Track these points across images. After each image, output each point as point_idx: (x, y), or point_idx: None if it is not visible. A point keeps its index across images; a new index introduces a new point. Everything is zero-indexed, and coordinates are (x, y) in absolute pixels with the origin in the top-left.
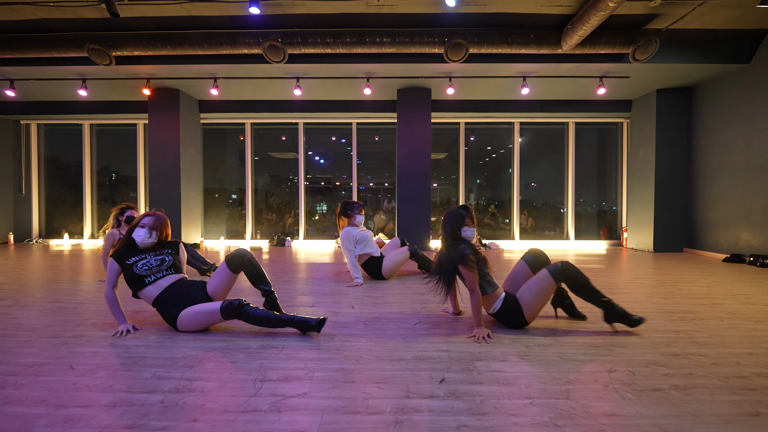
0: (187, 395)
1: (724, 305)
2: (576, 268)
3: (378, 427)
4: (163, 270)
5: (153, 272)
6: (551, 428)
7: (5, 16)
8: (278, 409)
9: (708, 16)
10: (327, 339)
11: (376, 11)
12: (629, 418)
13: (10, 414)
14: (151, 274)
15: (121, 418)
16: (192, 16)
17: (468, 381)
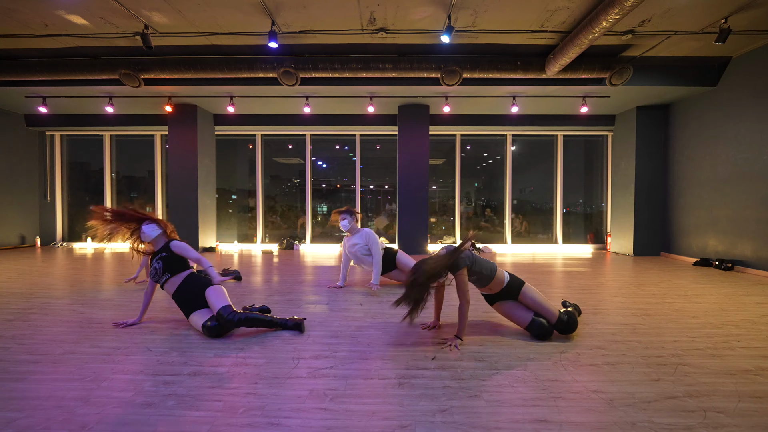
0: (245, 368)
1: (673, 303)
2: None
3: (387, 386)
4: (160, 276)
5: (158, 277)
6: (509, 388)
7: (47, 45)
8: (314, 376)
9: (676, 46)
10: (344, 329)
11: (380, 42)
12: (567, 382)
13: (122, 380)
14: (158, 278)
15: (203, 382)
16: (214, 45)
17: (453, 358)
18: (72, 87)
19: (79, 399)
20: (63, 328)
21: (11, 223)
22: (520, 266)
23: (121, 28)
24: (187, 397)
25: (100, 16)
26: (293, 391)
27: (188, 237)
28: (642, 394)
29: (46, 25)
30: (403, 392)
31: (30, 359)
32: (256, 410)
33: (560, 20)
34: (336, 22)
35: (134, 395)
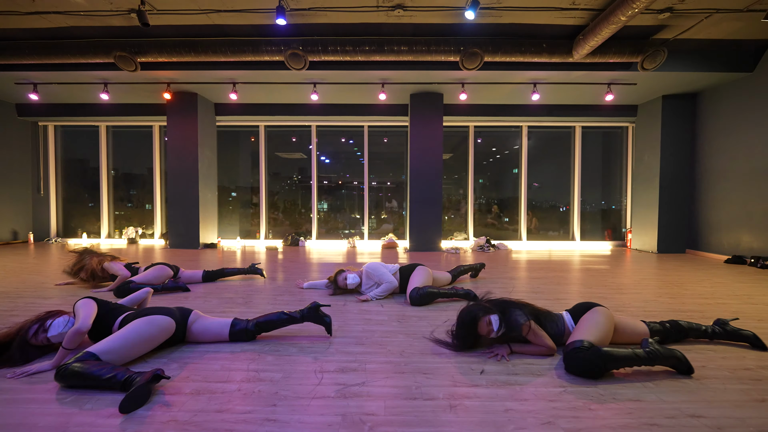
0: (259, 384)
1: (728, 305)
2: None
3: (436, 410)
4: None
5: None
6: (587, 411)
7: (36, 24)
8: (344, 396)
9: (713, 28)
10: (368, 335)
11: (395, 21)
12: (653, 403)
13: (110, 401)
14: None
15: (208, 404)
16: (216, 25)
17: (506, 372)
18: (64, 72)
19: (55, 427)
20: None
21: (3, 218)
22: (539, 264)
23: (116, 4)
24: (190, 424)
25: None
26: (322, 416)
27: (188, 233)
28: (754, 420)
29: (33, 0)
30: (459, 418)
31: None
32: None
33: None
34: None
35: (124, 422)
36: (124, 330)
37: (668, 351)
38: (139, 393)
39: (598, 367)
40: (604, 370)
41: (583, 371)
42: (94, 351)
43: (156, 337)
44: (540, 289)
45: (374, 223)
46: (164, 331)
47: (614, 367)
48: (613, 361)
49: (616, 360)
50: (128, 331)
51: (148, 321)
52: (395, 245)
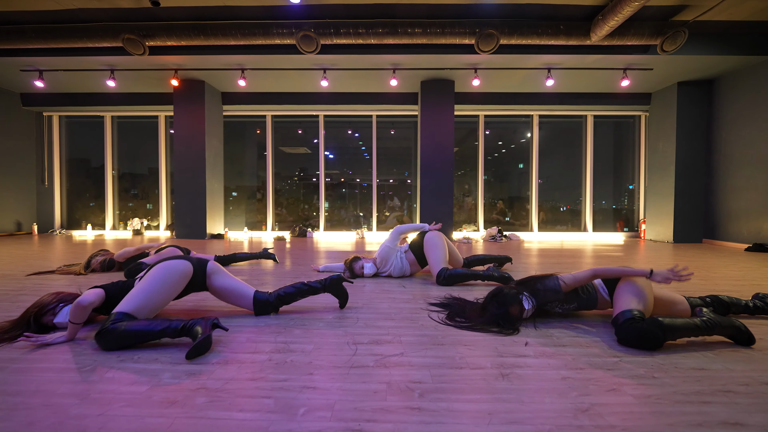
0: (290, 355)
1: (762, 286)
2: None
3: (488, 378)
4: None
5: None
6: (651, 380)
7: (41, 6)
8: (385, 365)
9: (736, 8)
10: (396, 311)
11: (409, 2)
12: (720, 372)
13: (132, 370)
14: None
15: (239, 373)
16: (227, 7)
17: (551, 344)
18: (70, 57)
19: (74, 395)
20: None
21: (7, 209)
22: (552, 252)
23: None
24: (222, 392)
25: None
26: (365, 384)
27: (195, 224)
28: None
29: None
30: (513, 386)
31: (15, 344)
32: (322, 410)
33: None
34: None
35: (151, 389)
36: (143, 282)
37: (728, 320)
38: (205, 341)
39: (657, 338)
40: (663, 340)
41: (640, 342)
42: (124, 310)
43: (177, 281)
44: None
45: (375, 223)
46: (182, 275)
47: (672, 338)
48: (671, 331)
49: (675, 330)
50: (147, 282)
51: (163, 266)
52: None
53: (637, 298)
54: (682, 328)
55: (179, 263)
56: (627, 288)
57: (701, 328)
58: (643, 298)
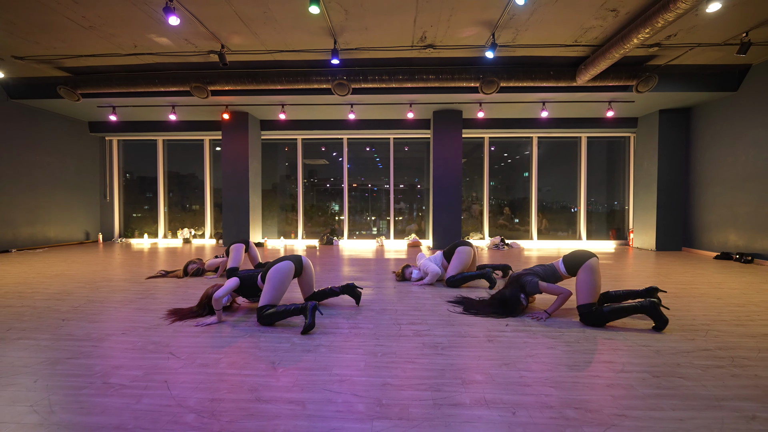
0: (360, 330)
1: (699, 288)
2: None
3: (481, 342)
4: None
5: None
6: (579, 343)
7: (129, 62)
8: (419, 335)
9: (699, 56)
10: (421, 305)
11: (426, 56)
12: (621, 341)
13: (275, 335)
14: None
15: (334, 340)
16: (276, 60)
17: (523, 325)
18: (142, 98)
19: (253, 347)
20: (178, 301)
21: (77, 221)
22: (549, 259)
23: (199, 47)
24: (333, 346)
25: (185, 38)
26: (408, 343)
27: (240, 234)
28: (681, 347)
29: (135, 46)
30: (494, 345)
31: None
32: (390, 354)
33: (593, 36)
34: (391, 39)
35: (291, 346)
36: (267, 283)
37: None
38: (311, 324)
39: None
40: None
41: (592, 323)
42: (266, 303)
43: (288, 276)
44: None
45: (384, 226)
46: (290, 271)
47: (611, 319)
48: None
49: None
50: (270, 282)
51: (276, 270)
52: (419, 244)
53: (593, 289)
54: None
55: (285, 264)
56: (586, 279)
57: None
58: (596, 287)
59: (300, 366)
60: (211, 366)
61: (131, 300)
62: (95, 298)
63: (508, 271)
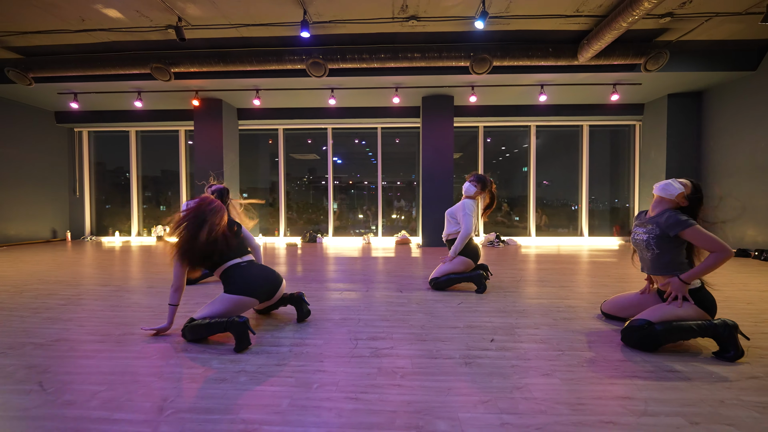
0: (306, 347)
1: (722, 291)
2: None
3: (454, 365)
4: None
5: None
6: (580, 368)
7: (82, 40)
8: (378, 356)
9: (715, 30)
10: (391, 314)
11: (409, 30)
12: (637, 363)
13: (187, 358)
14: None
15: (268, 360)
16: (244, 37)
17: (512, 340)
18: (103, 82)
19: (152, 375)
20: (116, 312)
21: (44, 218)
22: (550, 258)
23: (155, 21)
24: (258, 373)
25: (135, 9)
26: (361, 369)
27: None
28: (720, 373)
29: (83, 20)
30: (472, 371)
31: (93, 339)
32: (329, 386)
33: (597, 3)
34: (367, 10)
35: (205, 371)
36: (219, 304)
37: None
38: (241, 348)
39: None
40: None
41: (642, 345)
42: (201, 316)
43: (243, 309)
44: (546, 279)
45: (384, 222)
46: (249, 306)
47: (667, 341)
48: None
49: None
50: (221, 305)
51: (235, 300)
52: (408, 241)
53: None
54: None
55: (248, 301)
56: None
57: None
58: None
59: (197, 407)
60: (79, 405)
61: (50, 307)
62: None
63: (486, 270)
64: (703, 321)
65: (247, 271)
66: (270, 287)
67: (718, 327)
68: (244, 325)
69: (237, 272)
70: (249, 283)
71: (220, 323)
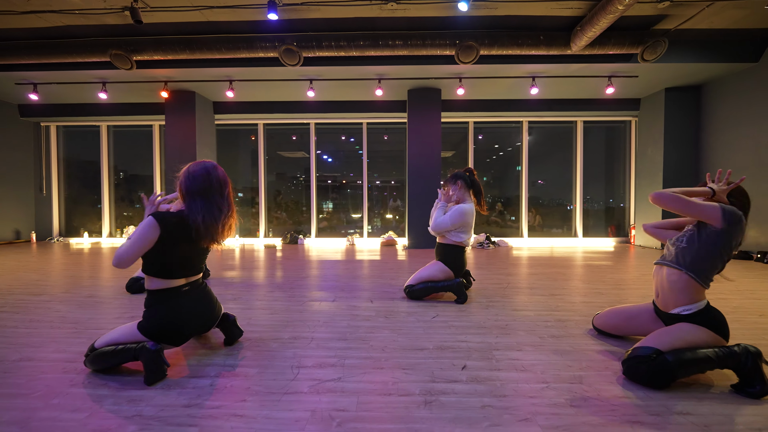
0: (233, 379)
1: (729, 300)
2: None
3: (409, 406)
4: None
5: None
6: (568, 408)
7: (32, 24)
8: (317, 392)
9: (716, 17)
10: (352, 330)
11: (389, 15)
12: (636, 400)
13: (78, 396)
14: None
15: (177, 399)
16: (210, 22)
17: (488, 368)
18: (62, 72)
19: (15, 422)
20: (30, 328)
21: (6, 218)
22: (542, 260)
23: (109, 2)
24: (154, 419)
25: None
26: (290, 412)
27: None
28: (745, 418)
29: (28, 0)
30: (432, 414)
31: None
32: None
33: None
34: None
35: (88, 417)
36: (119, 329)
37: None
38: (152, 379)
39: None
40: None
41: (650, 381)
42: (104, 343)
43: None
44: (535, 285)
45: (378, 222)
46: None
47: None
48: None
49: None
50: (121, 331)
51: (152, 329)
52: (394, 242)
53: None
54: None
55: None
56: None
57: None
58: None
59: None
60: None
61: None
62: None
63: (468, 277)
64: (720, 348)
65: (184, 304)
66: (203, 326)
67: (740, 356)
68: (157, 354)
69: (170, 302)
70: (179, 324)
71: (128, 350)
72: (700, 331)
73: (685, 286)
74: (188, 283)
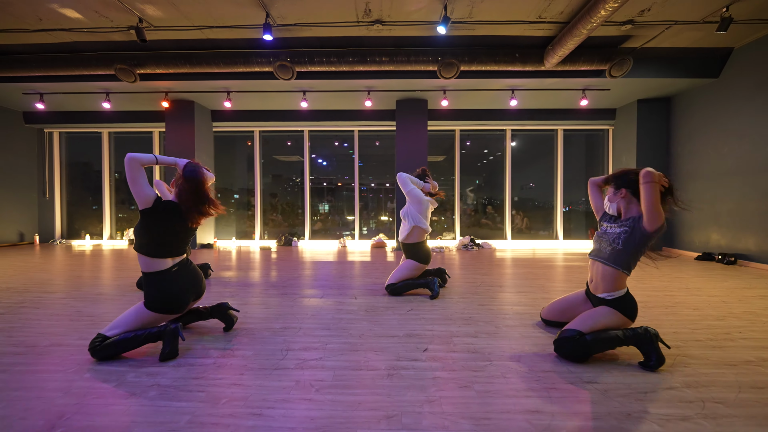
0: (232, 359)
1: (674, 296)
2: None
3: (375, 378)
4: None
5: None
6: (501, 379)
7: (42, 40)
8: (302, 368)
9: (676, 37)
10: (335, 322)
11: (376, 34)
12: (561, 373)
13: (105, 371)
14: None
15: (187, 373)
16: (209, 39)
17: (445, 350)
18: (69, 83)
19: (59, 390)
20: (53, 321)
21: (10, 221)
22: (520, 261)
23: (116, 21)
24: (170, 387)
25: (93, 9)
26: (279, 382)
27: None
28: (638, 384)
29: (40, 19)
30: (392, 383)
31: (15, 351)
32: (238, 401)
33: (558, 10)
34: (331, 14)
35: (116, 386)
36: (134, 316)
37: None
38: (170, 353)
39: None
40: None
41: (573, 356)
42: (113, 332)
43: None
44: (507, 284)
45: (373, 224)
46: (161, 321)
47: (596, 351)
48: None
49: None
50: (134, 318)
51: (147, 315)
52: (384, 245)
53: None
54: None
55: (160, 318)
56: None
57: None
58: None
59: (90, 425)
60: None
61: None
62: None
63: (443, 275)
64: (628, 330)
65: (177, 281)
66: (196, 295)
67: (641, 336)
68: (176, 332)
69: (165, 282)
70: (177, 296)
71: (151, 334)
72: (614, 315)
73: (615, 279)
74: (175, 263)
